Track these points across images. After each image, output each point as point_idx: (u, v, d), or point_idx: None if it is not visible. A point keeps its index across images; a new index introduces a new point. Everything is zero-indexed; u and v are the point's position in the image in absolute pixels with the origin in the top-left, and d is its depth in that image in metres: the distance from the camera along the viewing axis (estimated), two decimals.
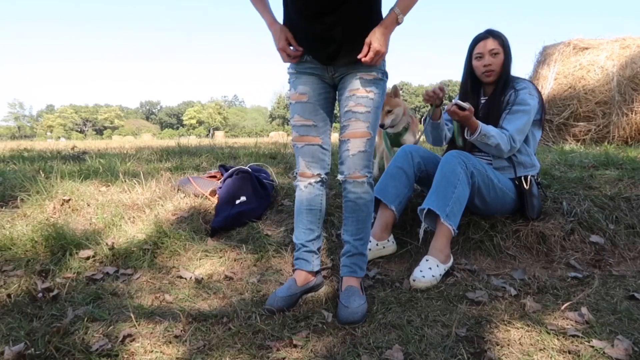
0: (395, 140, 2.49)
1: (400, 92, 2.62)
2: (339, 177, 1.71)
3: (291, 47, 1.63)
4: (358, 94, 1.61)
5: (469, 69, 2.18)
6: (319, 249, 1.79)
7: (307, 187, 1.73)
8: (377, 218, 2.10)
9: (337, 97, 1.73)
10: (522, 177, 2.10)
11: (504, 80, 2.09)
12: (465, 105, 1.90)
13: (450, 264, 1.91)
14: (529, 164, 2.12)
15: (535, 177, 2.17)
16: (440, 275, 1.83)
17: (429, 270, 1.81)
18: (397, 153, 2.19)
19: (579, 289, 1.73)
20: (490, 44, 2.09)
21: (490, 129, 1.98)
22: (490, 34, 2.11)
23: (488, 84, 2.16)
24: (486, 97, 2.17)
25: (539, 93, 2.12)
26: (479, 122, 1.98)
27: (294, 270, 1.76)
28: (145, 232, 2.24)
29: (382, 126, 2.34)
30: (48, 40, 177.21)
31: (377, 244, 2.05)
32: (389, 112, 2.38)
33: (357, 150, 1.63)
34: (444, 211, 1.86)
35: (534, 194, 2.10)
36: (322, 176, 1.73)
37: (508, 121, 2.03)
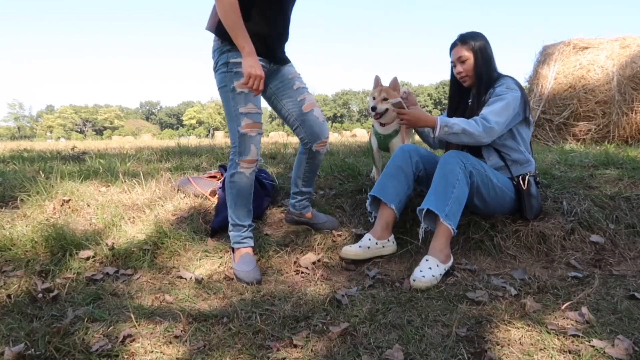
0: (383, 143, 2.46)
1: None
2: (314, 146, 2.06)
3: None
4: (298, 76, 2.06)
5: (452, 75, 2.21)
6: None
7: (251, 174, 1.97)
8: (378, 217, 2.10)
9: (276, 84, 2.04)
10: (520, 177, 2.09)
11: (482, 82, 2.08)
12: (396, 100, 2.05)
13: (450, 263, 1.90)
14: (523, 160, 2.11)
15: (535, 176, 2.15)
16: (441, 275, 1.83)
17: (429, 270, 1.81)
18: (395, 152, 2.19)
19: (579, 289, 1.73)
20: (458, 51, 2.10)
21: (448, 119, 1.97)
22: (459, 39, 2.11)
23: (472, 87, 2.17)
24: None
25: (521, 88, 2.08)
26: (436, 117, 1.99)
27: (234, 250, 2.02)
28: (145, 233, 2.24)
29: (373, 109, 2.30)
30: (48, 40, 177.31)
31: (376, 243, 2.05)
32: (385, 99, 2.33)
33: (324, 116, 2.08)
34: (443, 211, 1.86)
35: (532, 195, 2.10)
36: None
37: (483, 110, 2.01)
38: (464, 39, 2.10)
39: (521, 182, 2.08)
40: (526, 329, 1.40)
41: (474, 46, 2.08)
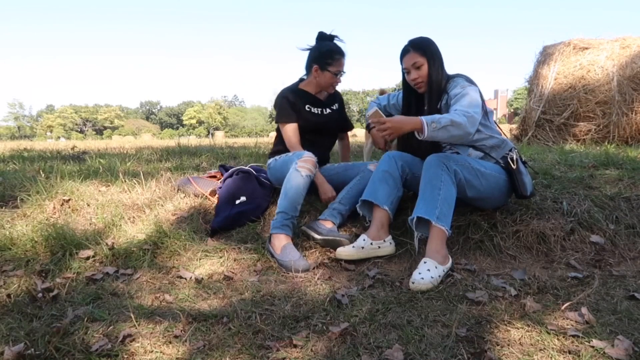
0: None
1: None
2: (370, 165, 2.39)
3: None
4: None
5: (405, 83, 2.20)
6: None
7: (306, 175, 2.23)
8: (373, 219, 2.11)
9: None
10: (507, 159, 2.07)
11: (436, 87, 2.08)
12: (372, 110, 2.04)
13: (449, 265, 1.89)
14: (499, 142, 2.11)
15: (518, 155, 2.12)
16: (439, 276, 1.81)
17: (427, 272, 1.79)
18: (381, 159, 2.21)
19: (579, 289, 1.73)
20: (411, 57, 2.08)
21: (432, 115, 1.89)
22: (410, 45, 2.10)
23: (426, 93, 2.15)
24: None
25: (474, 83, 2.07)
26: (419, 117, 1.87)
27: (273, 235, 2.16)
28: (145, 232, 2.25)
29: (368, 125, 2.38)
30: (48, 40, 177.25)
31: (371, 244, 2.05)
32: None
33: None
34: (433, 214, 1.86)
35: (522, 172, 2.09)
36: None
37: (453, 108, 1.96)
38: (417, 45, 2.09)
39: (510, 162, 2.06)
40: (526, 329, 1.40)
41: (427, 51, 2.07)
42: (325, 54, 2.43)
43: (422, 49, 2.07)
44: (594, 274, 1.88)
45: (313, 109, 2.52)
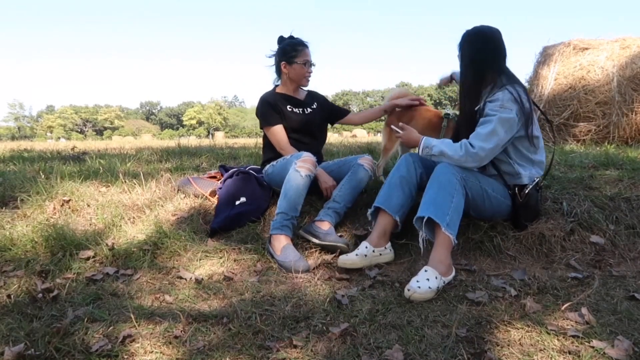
0: None
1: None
2: (359, 159, 2.45)
3: None
4: None
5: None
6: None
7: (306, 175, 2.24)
8: (376, 225, 2.08)
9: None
10: (517, 188, 2.03)
11: (464, 87, 2.07)
12: (398, 129, 2.17)
13: (451, 277, 1.83)
14: (513, 172, 2.03)
15: (535, 185, 2.04)
16: (438, 287, 1.71)
17: (426, 281, 1.71)
18: (399, 162, 2.16)
19: (579, 290, 1.73)
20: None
21: (431, 140, 2.02)
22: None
23: None
24: None
25: (520, 105, 1.90)
26: (421, 137, 2.06)
27: (273, 236, 2.16)
28: (145, 233, 2.25)
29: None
30: (48, 40, 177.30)
31: (373, 251, 2.03)
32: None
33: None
34: (444, 220, 1.80)
35: (529, 206, 2.06)
36: None
37: (474, 132, 1.96)
38: (461, 37, 2.11)
39: (517, 194, 2.03)
40: (526, 329, 1.40)
41: (461, 48, 2.10)
42: (288, 49, 2.54)
43: (460, 43, 2.08)
44: (594, 274, 1.88)
45: (295, 109, 2.57)
